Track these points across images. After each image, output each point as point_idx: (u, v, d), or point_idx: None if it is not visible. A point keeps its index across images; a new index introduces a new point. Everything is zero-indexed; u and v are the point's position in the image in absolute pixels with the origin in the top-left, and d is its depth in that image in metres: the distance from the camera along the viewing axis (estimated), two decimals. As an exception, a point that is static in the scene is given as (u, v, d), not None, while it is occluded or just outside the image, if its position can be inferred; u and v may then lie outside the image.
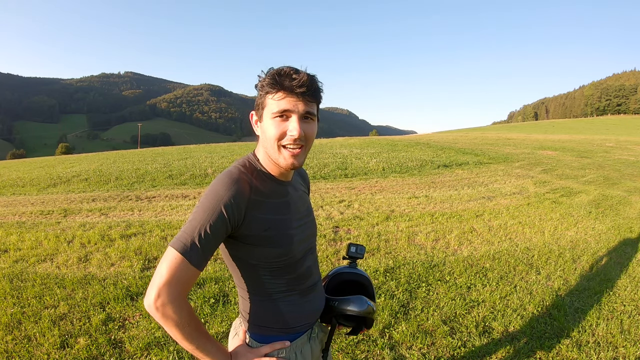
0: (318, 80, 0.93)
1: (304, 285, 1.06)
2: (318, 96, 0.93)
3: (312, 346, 1.11)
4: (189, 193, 7.69)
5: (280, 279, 1.00)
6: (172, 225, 5.20)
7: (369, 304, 1.08)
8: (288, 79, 0.88)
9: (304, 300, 1.06)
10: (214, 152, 16.51)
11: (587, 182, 8.54)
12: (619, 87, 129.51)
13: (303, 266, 1.05)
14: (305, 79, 0.88)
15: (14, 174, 11.88)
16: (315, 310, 1.10)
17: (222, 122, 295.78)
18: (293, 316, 1.04)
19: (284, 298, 1.02)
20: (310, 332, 1.11)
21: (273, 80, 0.89)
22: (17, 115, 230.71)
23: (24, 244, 4.48)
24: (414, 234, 4.71)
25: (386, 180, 8.70)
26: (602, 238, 4.63)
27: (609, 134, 33.88)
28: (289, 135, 0.90)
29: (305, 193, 1.16)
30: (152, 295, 0.81)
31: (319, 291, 1.13)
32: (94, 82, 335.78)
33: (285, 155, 0.92)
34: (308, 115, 0.91)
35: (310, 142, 0.95)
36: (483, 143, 19.44)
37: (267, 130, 0.92)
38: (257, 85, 0.94)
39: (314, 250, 1.13)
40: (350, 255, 1.24)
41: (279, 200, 1.00)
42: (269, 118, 0.91)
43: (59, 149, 59.44)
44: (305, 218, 1.08)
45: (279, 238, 0.96)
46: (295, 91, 0.88)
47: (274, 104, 0.90)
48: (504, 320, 2.71)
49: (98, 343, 2.43)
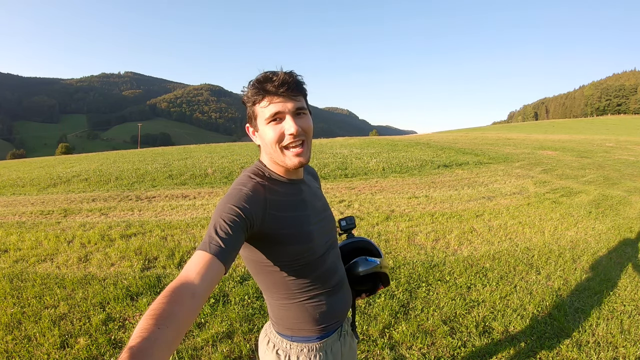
0: (297, 75, 0.94)
1: (330, 283, 1.05)
2: (301, 89, 0.95)
3: (342, 343, 1.12)
4: (189, 193, 7.69)
5: (304, 278, 1.00)
6: (172, 225, 5.20)
7: (373, 260, 1.15)
8: (268, 83, 0.90)
9: (332, 299, 1.05)
10: (214, 152, 16.52)
11: (587, 182, 8.54)
12: (619, 87, 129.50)
13: (326, 262, 1.05)
14: (283, 77, 0.90)
15: (14, 174, 11.88)
16: (344, 308, 1.11)
17: (222, 122, 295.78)
18: (321, 317, 1.04)
19: (310, 299, 1.02)
20: (341, 330, 1.12)
21: (255, 89, 0.92)
22: (17, 115, 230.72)
23: (24, 244, 4.48)
24: (414, 234, 4.71)
25: (386, 180, 8.70)
26: (602, 238, 4.63)
27: (609, 134, 33.87)
28: (287, 134, 0.91)
29: (318, 189, 1.18)
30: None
31: (347, 287, 1.14)
32: (94, 82, 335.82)
33: (290, 155, 0.94)
34: (299, 110, 0.93)
35: (309, 134, 0.96)
36: (483, 143, 19.44)
37: (265, 137, 0.94)
38: (243, 100, 0.97)
39: (335, 245, 1.13)
40: (343, 229, 1.29)
41: (295, 199, 1.01)
42: (264, 125, 0.93)
43: (59, 149, 59.42)
44: (322, 213, 1.09)
45: (299, 235, 0.97)
46: (279, 92, 0.90)
47: (264, 110, 0.92)
48: (504, 320, 2.71)
49: (98, 343, 2.43)
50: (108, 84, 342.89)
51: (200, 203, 6.72)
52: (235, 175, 9.58)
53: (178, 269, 3.66)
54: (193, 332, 2.55)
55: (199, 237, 4.62)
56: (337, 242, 1.16)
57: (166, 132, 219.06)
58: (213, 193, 7.65)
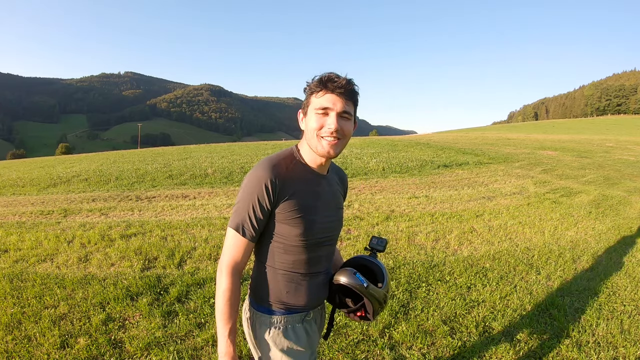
0: (355, 84, 1.08)
1: (309, 270, 1.16)
2: (354, 97, 1.08)
3: (307, 329, 1.20)
4: (189, 193, 7.69)
5: (290, 255, 1.13)
6: (172, 225, 5.20)
7: (359, 279, 1.15)
8: (330, 81, 1.04)
9: (304, 281, 1.16)
10: (214, 152, 16.50)
11: (587, 182, 8.54)
12: (619, 87, 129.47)
13: (315, 253, 1.16)
14: (344, 82, 1.04)
15: (14, 174, 11.88)
16: (312, 296, 1.19)
17: (222, 122, 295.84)
18: (289, 293, 1.15)
19: (285, 274, 1.14)
20: (305, 315, 1.20)
21: (318, 82, 1.06)
22: (17, 115, 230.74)
23: (24, 244, 4.48)
24: (414, 234, 4.71)
25: (386, 180, 8.70)
26: (602, 238, 4.63)
27: (609, 134, 33.86)
28: (327, 128, 1.04)
29: (339, 192, 1.27)
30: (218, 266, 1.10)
31: (322, 281, 1.22)
32: (94, 82, 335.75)
33: (324, 144, 1.06)
34: (345, 114, 1.06)
35: (346, 137, 1.08)
36: (483, 143, 19.44)
37: (309, 122, 1.08)
38: (305, 89, 1.11)
39: (332, 243, 1.23)
40: (371, 246, 1.31)
41: (311, 189, 1.13)
42: (313, 113, 1.07)
43: (59, 149, 59.46)
44: (332, 212, 1.20)
45: (302, 220, 1.09)
46: (335, 91, 1.03)
47: (317, 101, 1.06)
48: (504, 320, 2.71)
49: (98, 343, 2.42)
50: (108, 84, 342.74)
51: (200, 203, 6.72)
52: (236, 175, 9.58)
53: (178, 269, 3.66)
54: (193, 332, 2.56)
55: (198, 237, 4.62)
56: (335, 242, 1.26)
57: (166, 132, 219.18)
58: (213, 193, 7.65)
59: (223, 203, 6.67)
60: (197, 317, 2.73)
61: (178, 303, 2.96)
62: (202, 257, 3.95)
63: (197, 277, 3.41)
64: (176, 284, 3.25)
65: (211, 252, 4.10)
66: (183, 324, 2.64)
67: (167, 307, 2.88)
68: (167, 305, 2.91)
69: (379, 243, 1.31)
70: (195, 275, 3.45)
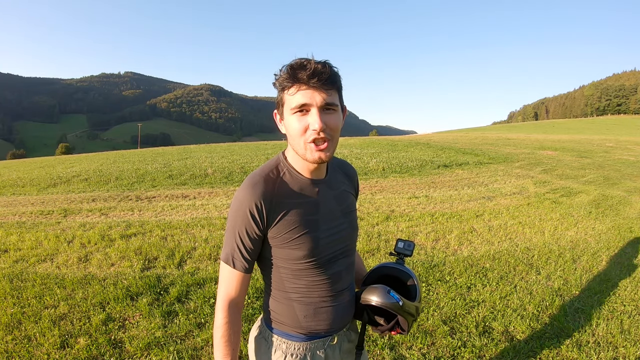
0: (332, 66, 0.85)
1: (329, 292, 0.99)
2: (335, 82, 0.87)
3: (329, 354, 1.04)
4: (189, 193, 7.69)
5: (301, 280, 0.97)
6: (172, 225, 5.20)
7: (393, 297, 0.98)
8: (301, 70, 0.83)
9: (324, 303, 1.00)
10: (214, 152, 16.50)
11: (587, 182, 8.54)
12: (619, 87, 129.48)
13: (331, 270, 0.99)
14: (319, 67, 0.82)
15: (14, 174, 11.87)
16: (336, 318, 1.03)
17: (222, 122, 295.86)
18: (309, 320, 0.99)
19: (302, 300, 0.98)
20: (329, 340, 1.04)
21: (286, 74, 0.85)
22: (17, 115, 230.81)
23: (24, 244, 4.48)
24: (414, 234, 4.71)
25: (386, 180, 8.70)
26: (602, 238, 4.63)
27: (609, 134, 33.86)
28: (311, 129, 0.85)
29: (347, 192, 1.07)
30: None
31: (346, 299, 1.05)
32: (94, 82, 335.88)
33: (312, 149, 0.87)
34: (328, 106, 0.85)
35: (335, 134, 0.89)
36: (483, 143, 19.44)
37: (289, 128, 0.89)
38: (274, 83, 0.90)
39: (349, 254, 1.05)
40: (397, 251, 1.14)
41: (307, 200, 0.95)
42: (289, 114, 0.87)
43: (59, 149, 59.43)
44: (339, 220, 1.01)
45: (303, 239, 0.93)
46: (310, 83, 0.82)
47: (291, 99, 0.86)
48: (504, 320, 2.71)
49: (98, 343, 2.42)
50: (108, 84, 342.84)
51: (200, 203, 6.72)
52: (236, 175, 9.58)
53: (178, 269, 3.66)
54: (193, 332, 2.56)
55: (199, 237, 4.62)
56: (352, 252, 1.07)
57: (166, 132, 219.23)
58: (213, 193, 7.65)
59: (223, 203, 6.67)
60: (197, 317, 2.73)
61: (178, 303, 2.96)
62: (202, 257, 3.95)
63: (197, 277, 3.41)
64: (176, 284, 3.25)
65: (211, 252, 4.10)
66: (183, 324, 2.64)
67: (167, 307, 2.88)
68: (167, 305, 2.91)
69: (407, 247, 1.13)
70: (195, 275, 3.45)
